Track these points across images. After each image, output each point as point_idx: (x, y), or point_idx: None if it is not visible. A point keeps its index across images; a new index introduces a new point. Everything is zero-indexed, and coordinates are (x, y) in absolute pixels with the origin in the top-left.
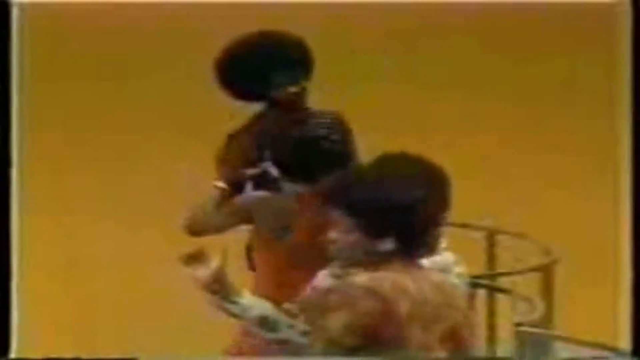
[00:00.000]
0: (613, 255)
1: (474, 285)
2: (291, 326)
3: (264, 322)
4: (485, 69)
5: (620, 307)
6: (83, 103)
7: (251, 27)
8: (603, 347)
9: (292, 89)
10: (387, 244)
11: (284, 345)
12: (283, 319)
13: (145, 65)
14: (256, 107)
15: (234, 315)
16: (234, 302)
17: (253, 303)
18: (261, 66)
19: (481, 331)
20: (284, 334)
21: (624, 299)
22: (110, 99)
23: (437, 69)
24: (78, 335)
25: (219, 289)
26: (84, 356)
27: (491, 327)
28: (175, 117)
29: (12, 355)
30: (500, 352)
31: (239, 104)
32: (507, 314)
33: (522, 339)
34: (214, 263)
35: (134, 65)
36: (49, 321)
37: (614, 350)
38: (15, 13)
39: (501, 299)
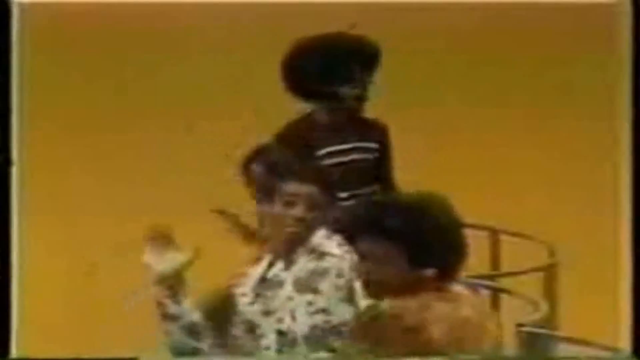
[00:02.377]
0: (613, 255)
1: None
2: (212, 337)
3: (192, 329)
4: (484, 71)
5: (620, 307)
6: (83, 103)
7: (251, 27)
8: (604, 347)
9: (354, 92)
10: (429, 271)
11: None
12: (208, 330)
13: (146, 65)
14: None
15: (167, 316)
16: (177, 303)
17: (191, 308)
18: (324, 64)
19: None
20: (202, 344)
21: (625, 299)
22: (110, 99)
23: (435, 71)
24: (78, 335)
25: (174, 285)
26: (84, 356)
27: None
28: (175, 117)
29: (12, 355)
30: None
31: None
32: (510, 314)
33: (525, 339)
34: (182, 257)
35: (134, 65)
36: (49, 321)
37: (615, 350)
38: (15, 13)
39: (504, 300)
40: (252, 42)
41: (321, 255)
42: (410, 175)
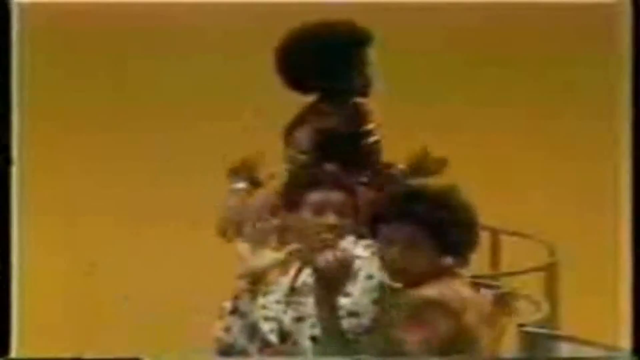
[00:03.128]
0: (613, 255)
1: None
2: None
3: (252, 330)
4: (484, 70)
5: (621, 307)
6: (83, 102)
7: (251, 27)
8: (605, 346)
9: (352, 81)
10: (450, 258)
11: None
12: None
13: (145, 65)
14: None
15: (236, 312)
16: (252, 299)
17: (258, 309)
18: (320, 56)
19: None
20: (252, 346)
21: (625, 298)
22: (110, 99)
23: (435, 70)
24: (78, 335)
25: (258, 281)
26: (84, 356)
27: None
28: (175, 117)
29: (12, 355)
30: (503, 353)
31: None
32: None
33: (526, 339)
34: (275, 256)
35: (133, 65)
36: (49, 321)
37: (615, 349)
38: (15, 13)
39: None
40: (252, 42)
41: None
42: None
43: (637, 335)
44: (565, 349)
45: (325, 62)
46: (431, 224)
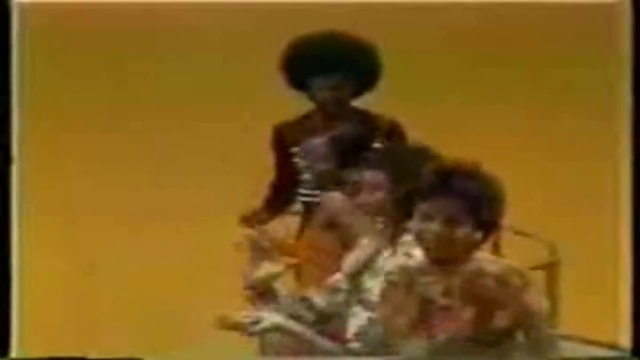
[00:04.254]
0: (613, 255)
1: None
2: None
3: (263, 287)
4: (484, 70)
5: (620, 306)
6: (83, 102)
7: (251, 27)
8: (605, 345)
9: (346, 91)
10: (478, 235)
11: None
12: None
13: (145, 65)
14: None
15: (251, 322)
16: (258, 310)
17: (270, 314)
18: (326, 61)
19: None
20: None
21: (625, 298)
22: (110, 99)
23: (434, 70)
24: (78, 335)
25: (264, 292)
26: (88, 356)
27: None
28: (175, 117)
29: (12, 355)
30: None
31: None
32: None
33: None
34: (273, 268)
35: (134, 65)
36: (49, 321)
37: (615, 348)
38: (15, 13)
39: None
40: (252, 42)
41: (409, 254)
42: None
43: (637, 334)
44: (565, 348)
45: (327, 61)
46: (470, 198)
